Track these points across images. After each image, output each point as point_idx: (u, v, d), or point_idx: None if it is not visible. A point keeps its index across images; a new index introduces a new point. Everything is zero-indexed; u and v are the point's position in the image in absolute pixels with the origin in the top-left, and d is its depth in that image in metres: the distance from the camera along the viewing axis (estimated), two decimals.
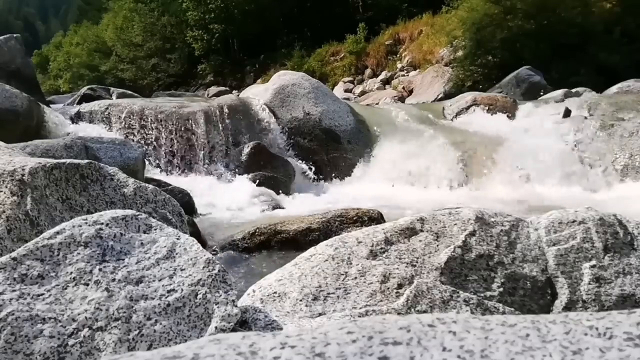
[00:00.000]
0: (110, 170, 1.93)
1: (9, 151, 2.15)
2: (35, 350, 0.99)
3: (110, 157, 3.87)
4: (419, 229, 1.43)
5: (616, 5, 11.40)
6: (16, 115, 4.63)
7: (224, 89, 17.44)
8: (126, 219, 1.25)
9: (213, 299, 1.14)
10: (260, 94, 6.55)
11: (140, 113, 5.56)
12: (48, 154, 3.28)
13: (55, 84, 33.31)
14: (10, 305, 1.02)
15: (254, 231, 2.92)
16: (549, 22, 10.72)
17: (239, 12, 21.27)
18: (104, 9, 32.45)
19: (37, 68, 25.32)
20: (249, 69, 22.57)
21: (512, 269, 1.35)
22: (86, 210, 1.75)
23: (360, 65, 18.05)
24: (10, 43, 6.98)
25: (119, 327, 1.05)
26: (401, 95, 13.49)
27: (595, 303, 1.31)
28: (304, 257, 1.43)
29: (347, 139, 6.09)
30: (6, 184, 1.60)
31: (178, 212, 2.05)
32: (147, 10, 25.73)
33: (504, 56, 11.12)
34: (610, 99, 6.58)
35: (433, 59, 14.51)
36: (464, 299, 1.28)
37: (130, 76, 25.89)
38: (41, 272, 1.10)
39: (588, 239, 1.39)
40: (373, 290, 1.28)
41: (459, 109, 7.07)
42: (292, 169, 5.45)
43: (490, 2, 11.24)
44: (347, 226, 2.90)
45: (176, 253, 1.21)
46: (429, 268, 1.33)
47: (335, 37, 19.08)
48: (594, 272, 1.34)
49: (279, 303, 1.30)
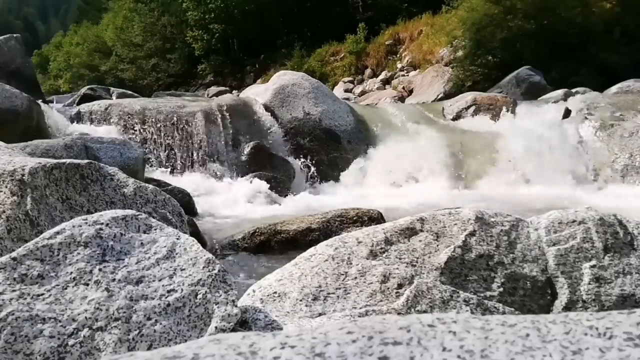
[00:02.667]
0: (110, 170, 1.93)
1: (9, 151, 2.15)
2: (35, 350, 0.99)
3: (110, 157, 3.87)
4: (419, 229, 1.43)
5: (616, 5, 11.39)
6: (16, 115, 4.63)
7: (224, 89, 17.42)
8: (126, 219, 1.25)
9: (213, 299, 1.14)
10: (260, 94, 6.55)
11: (140, 113, 5.57)
12: (48, 154, 3.28)
13: (55, 84, 33.30)
14: (10, 305, 1.02)
15: (254, 231, 2.93)
16: (549, 22, 10.71)
17: (239, 12, 21.27)
18: (104, 9, 32.44)
19: (37, 68, 25.33)
20: (249, 69, 22.56)
21: (512, 269, 1.35)
22: (86, 210, 1.75)
23: (360, 65, 18.05)
24: (10, 43, 6.98)
25: (119, 327, 1.05)
26: (401, 95, 13.48)
27: (595, 303, 1.31)
28: (304, 257, 1.43)
29: (347, 139, 6.09)
30: (6, 184, 1.60)
31: (178, 212, 2.05)
32: (147, 10, 25.72)
33: (504, 56, 11.11)
34: (610, 99, 6.58)
35: (433, 59, 14.51)
36: (464, 299, 1.28)
37: (130, 76, 25.88)
38: (41, 272, 1.10)
39: (588, 239, 1.39)
40: (373, 290, 1.28)
41: (459, 109, 7.07)
42: (292, 169, 5.45)
43: (490, 2, 11.23)
44: (347, 226, 2.90)
45: (176, 253, 1.21)
46: (429, 268, 1.33)
47: (335, 37, 19.07)
48: (594, 272, 1.34)
49: (279, 303, 1.30)
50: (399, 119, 6.84)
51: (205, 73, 23.74)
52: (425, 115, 7.14)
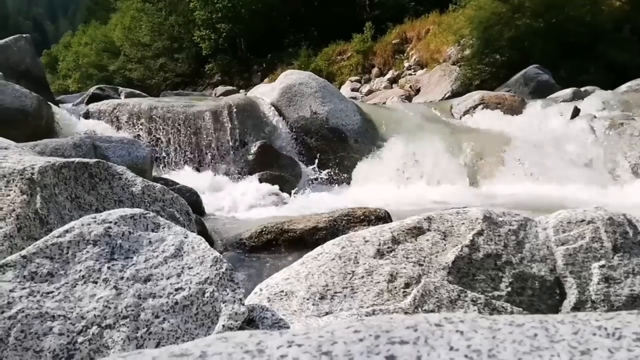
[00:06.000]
0: (119, 169, 1.94)
1: (18, 150, 2.17)
2: (44, 347, 1.00)
3: (119, 156, 3.89)
4: (426, 228, 1.43)
5: (625, 2, 11.29)
6: (26, 114, 4.67)
7: (231, 89, 17.44)
8: (134, 217, 1.26)
9: (220, 298, 1.15)
10: (268, 93, 6.56)
11: (148, 112, 5.59)
12: (57, 153, 3.31)
13: (64, 83, 33.56)
14: (20, 303, 1.03)
15: (261, 230, 2.93)
16: (558, 21, 10.63)
17: (246, 12, 21.31)
18: (112, 9, 32.64)
19: (47, 68, 25.47)
20: (256, 69, 22.60)
21: (520, 268, 1.34)
22: (95, 208, 1.77)
23: (367, 64, 18.01)
24: (19, 43, 7.03)
25: (127, 325, 1.06)
26: (408, 94, 13.44)
27: (604, 303, 1.30)
28: (311, 256, 1.43)
29: (354, 138, 6.09)
30: (16, 182, 1.61)
31: (186, 211, 2.06)
32: (154, 10, 25.85)
33: (512, 55, 11.04)
34: (620, 97, 6.53)
35: (440, 57, 14.45)
36: (471, 299, 1.27)
37: (138, 76, 26.03)
38: (51, 270, 1.11)
39: (597, 238, 1.37)
40: (380, 290, 1.28)
41: (467, 107, 7.04)
42: (299, 168, 5.46)
43: (498, 0, 11.18)
44: (354, 225, 2.90)
45: (184, 251, 1.22)
46: (437, 267, 1.32)
47: (342, 36, 19.05)
48: (603, 272, 1.33)
49: (286, 302, 1.30)
50: (407, 118, 6.82)
51: (212, 72, 23.82)
52: (433, 114, 7.12)
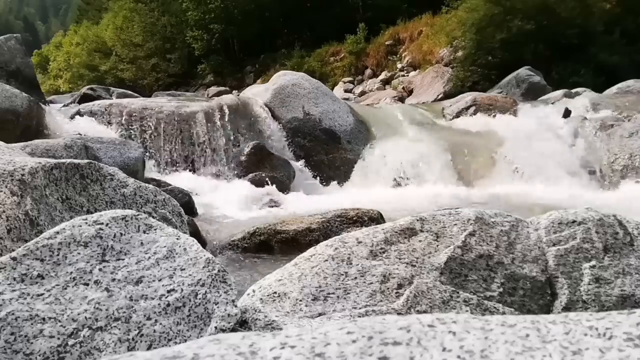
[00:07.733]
0: (110, 170, 1.92)
1: (9, 151, 2.15)
2: (35, 350, 0.99)
3: (110, 157, 3.87)
4: (418, 229, 1.43)
5: (616, 5, 11.41)
6: (16, 115, 4.63)
7: (224, 89, 17.40)
8: (126, 218, 1.25)
9: (213, 299, 1.14)
10: (260, 94, 6.55)
11: (140, 113, 5.56)
12: (48, 154, 3.28)
13: (55, 83, 33.29)
14: (10, 305, 1.02)
15: (254, 231, 2.92)
16: (549, 23, 10.73)
17: (239, 12, 21.27)
18: (104, 8, 32.44)
19: (37, 68, 25.32)
20: (249, 69, 22.57)
21: (512, 269, 1.35)
22: (86, 210, 1.75)
23: (360, 65, 18.06)
24: (10, 43, 6.97)
25: (118, 327, 1.05)
26: (401, 95, 13.49)
27: (595, 303, 1.31)
28: (303, 257, 1.43)
29: (347, 139, 6.09)
30: (6, 183, 1.60)
31: (178, 212, 2.05)
32: (147, 10, 25.72)
33: (503, 56, 11.12)
34: (610, 99, 6.59)
35: (433, 59, 14.51)
36: (463, 299, 1.28)
37: (130, 76, 25.87)
38: (41, 272, 1.10)
39: (588, 239, 1.39)
40: (373, 291, 1.28)
41: (459, 109, 7.07)
42: (291, 169, 5.45)
43: (490, 2, 11.25)
44: (347, 226, 2.90)
45: (176, 253, 1.21)
46: (429, 268, 1.33)
47: (335, 37, 19.08)
48: (594, 273, 1.34)
49: (279, 303, 1.30)
50: (399, 119, 6.84)
51: (205, 73, 23.75)
52: (426, 116, 7.15)
